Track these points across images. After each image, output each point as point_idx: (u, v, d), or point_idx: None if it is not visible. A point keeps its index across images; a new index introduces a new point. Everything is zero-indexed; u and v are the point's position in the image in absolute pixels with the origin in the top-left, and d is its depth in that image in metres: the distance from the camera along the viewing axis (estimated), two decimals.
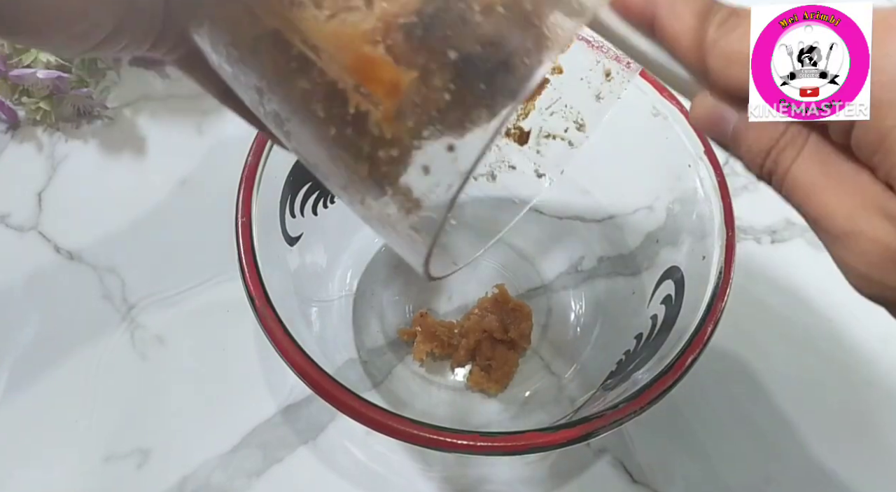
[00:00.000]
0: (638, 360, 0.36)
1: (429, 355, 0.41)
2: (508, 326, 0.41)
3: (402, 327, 0.42)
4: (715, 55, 0.19)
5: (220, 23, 0.22)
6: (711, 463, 0.40)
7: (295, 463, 0.39)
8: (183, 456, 0.39)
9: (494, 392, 0.41)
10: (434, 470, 0.39)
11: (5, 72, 0.48)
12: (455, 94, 0.20)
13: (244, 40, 0.22)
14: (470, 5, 0.19)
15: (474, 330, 0.41)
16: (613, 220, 0.45)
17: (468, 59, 0.20)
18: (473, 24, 0.19)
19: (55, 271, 0.44)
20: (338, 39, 0.20)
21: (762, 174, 0.19)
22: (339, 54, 0.20)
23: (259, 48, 0.21)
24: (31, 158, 0.49)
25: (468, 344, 0.41)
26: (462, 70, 0.20)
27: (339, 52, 0.20)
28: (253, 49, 0.21)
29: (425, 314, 0.42)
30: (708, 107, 0.20)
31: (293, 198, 0.38)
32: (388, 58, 0.19)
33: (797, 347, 0.44)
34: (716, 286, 0.34)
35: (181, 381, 0.41)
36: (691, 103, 0.20)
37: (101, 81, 0.52)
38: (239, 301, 0.33)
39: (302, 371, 0.31)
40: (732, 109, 0.19)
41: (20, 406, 0.40)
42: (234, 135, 0.50)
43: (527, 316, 0.42)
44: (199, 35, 0.23)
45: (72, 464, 0.38)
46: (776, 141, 0.19)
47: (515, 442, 0.29)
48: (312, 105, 0.21)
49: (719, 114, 0.19)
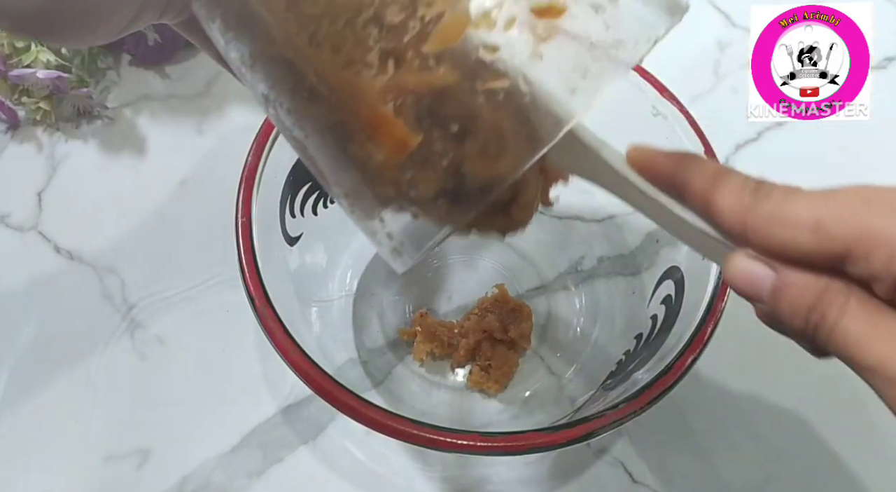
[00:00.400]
0: (638, 360, 0.36)
1: (429, 355, 0.41)
2: (508, 326, 0.41)
3: (402, 327, 0.42)
4: (755, 215, 0.20)
5: (235, 29, 0.23)
6: (711, 463, 0.40)
7: (295, 463, 0.39)
8: (183, 456, 0.39)
9: (494, 392, 0.41)
10: (434, 470, 0.39)
11: (5, 72, 0.48)
12: (452, 162, 0.21)
13: (258, 52, 0.22)
14: (475, 87, 0.20)
15: (474, 330, 0.41)
16: (613, 220, 0.45)
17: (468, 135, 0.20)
18: (476, 106, 0.20)
19: (55, 271, 0.44)
20: (352, 89, 0.21)
21: (807, 327, 0.20)
22: (353, 102, 0.21)
23: (272, 64, 0.22)
24: (31, 158, 0.49)
25: (468, 344, 0.41)
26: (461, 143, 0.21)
27: (353, 101, 0.21)
28: (266, 62, 0.22)
29: (425, 314, 0.42)
30: (745, 266, 0.21)
31: (293, 198, 0.38)
32: (399, 119, 0.20)
33: (797, 348, 0.44)
34: (716, 286, 0.34)
35: (181, 381, 0.41)
36: (724, 263, 0.21)
37: (101, 81, 0.52)
38: (239, 301, 0.33)
39: (302, 371, 0.31)
40: (769, 268, 0.20)
41: (20, 406, 0.40)
42: (235, 135, 0.50)
43: (527, 316, 0.42)
44: (209, 26, 0.23)
45: (72, 464, 0.38)
46: (821, 295, 0.20)
47: (515, 442, 0.29)
48: (319, 126, 0.22)
49: (756, 272, 0.21)
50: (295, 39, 0.21)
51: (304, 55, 0.21)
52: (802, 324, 0.20)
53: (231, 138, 0.50)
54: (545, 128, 0.20)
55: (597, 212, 0.45)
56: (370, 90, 0.20)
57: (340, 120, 0.21)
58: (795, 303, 0.20)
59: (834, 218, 0.19)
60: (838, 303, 0.19)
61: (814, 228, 0.19)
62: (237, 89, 0.52)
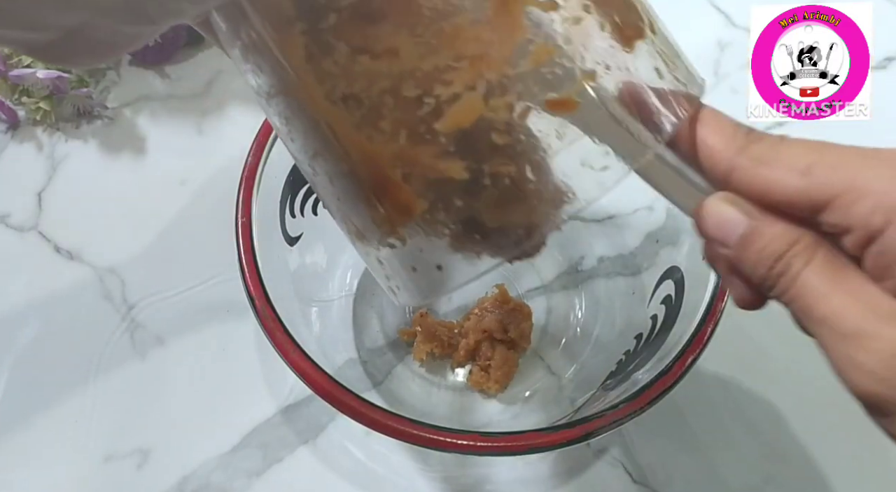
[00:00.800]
0: (638, 360, 0.36)
1: (429, 355, 0.41)
2: (508, 326, 0.41)
3: (402, 327, 0.42)
4: (745, 155, 0.20)
5: (254, 63, 0.22)
6: (711, 463, 0.40)
7: (295, 463, 0.39)
8: (183, 456, 0.39)
9: (494, 392, 0.41)
10: (434, 470, 0.39)
11: (5, 72, 0.48)
12: (454, 233, 0.21)
13: (274, 90, 0.22)
14: (482, 169, 0.20)
15: (474, 330, 0.41)
16: (613, 220, 0.45)
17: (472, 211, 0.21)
18: (481, 186, 0.20)
19: (55, 271, 0.44)
20: (363, 152, 0.21)
21: (768, 277, 0.20)
22: (363, 160, 0.21)
23: (287, 103, 0.22)
24: (31, 158, 0.49)
25: (468, 344, 0.41)
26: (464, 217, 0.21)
27: (363, 159, 0.21)
28: (281, 100, 0.22)
29: (425, 314, 0.42)
30: (719, 209, 0.21)
31: (293, 198, 0.38)
32: (407, 185, 0.20)
33: (797, 347, 0.44)
34: (716, 286, 0.34)
35: (181, 381, 0.41)
36: (698, 206, 0.21)
37: (101, 81, 0.52)
38: (239, 301, 0.33)
39: (302, 371, 0.31)
40: (743, 215, 0.20)
41: (20, 406, 0.40)
42: (234, 135, 0.50)
43: (527, 316, 0.42)
44: (229, 49, 0.23)
45: (72, 464, 0.38)
46: (790, 246, 0.20)
47: (515, 442, 0.29)
48: (328, 170, 0.22)
49: (729, 217, 0.20)
50: (311, 91, 0.21)
51: (320, 107, 0.21)
52: (764, 272, 0.20)
53: (231, 138, 0.50)
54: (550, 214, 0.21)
55: (597, 212, 0.45)
56: (381, 154, 0.20)
57: (350, 171, 0.21)
58: (764, 252, 0.20)
59: (826, 164, 0.19)
60: (805, 255, 0.20)
61: (804, 172, 0.19)
62: (237, 89, 0.52)
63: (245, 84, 0.24)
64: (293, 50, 0.21)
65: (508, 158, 0.20)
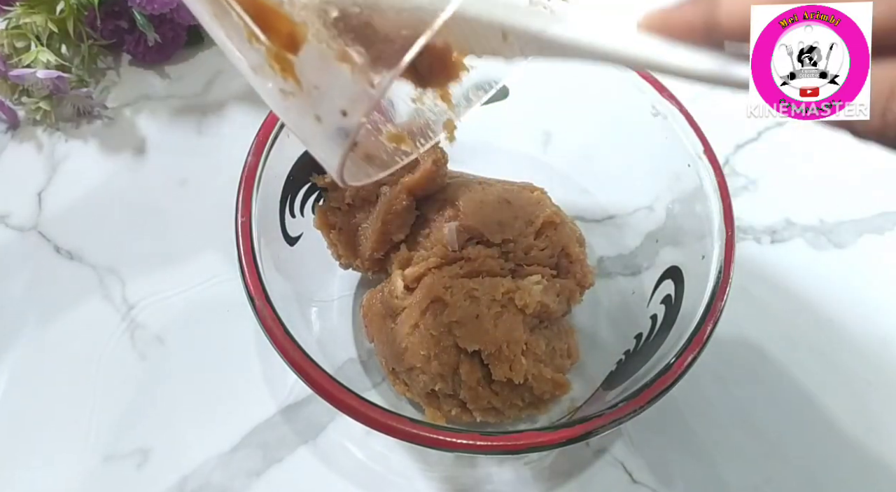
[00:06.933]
0: (638, 360, 0.36)
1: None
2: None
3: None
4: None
5: None
6: (711, 463, 0.40)
7: (295, 463, 0.39)
8: (183, 456, 0.39)
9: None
10: (434, 470, 0.39)
11: (5, 72, 0.48)
12: (342, 52, 0.22)
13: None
14: None
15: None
16: (613, 220, 0.45)
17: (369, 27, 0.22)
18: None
19: (55, 271, 0.44)
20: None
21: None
22: (249, 10, 0.22)
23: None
24: (31, 158, 0.49)
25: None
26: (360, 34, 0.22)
27: (249, 8, 0.22)
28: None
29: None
30: None
31: (293, 198, 0.38)
32: (288, 13, 0.22)
33: (797, 347, 0.44)
34: (715, 286, 0.34)
35: (181, 381, 0.41)
36: None
37: (101, 81, 0.52)
38: (239, 301, 0.33)
39: (302, 371, 0.31)
40: None
41: (20, 406, 0.40)
42: (234, 135, 0.50)
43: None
44: None
45: (72, 464, 0.38)
46: None
47: (515, 442, 0.29)
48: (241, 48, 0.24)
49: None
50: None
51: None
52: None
53: (231, 138, 0.50)
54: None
55: (597, 212, 0.45)
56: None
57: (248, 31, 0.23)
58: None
59: None
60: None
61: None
62: (237, 89, 0.52)
63: (245, 84, 0.24)
64: None
65: None
